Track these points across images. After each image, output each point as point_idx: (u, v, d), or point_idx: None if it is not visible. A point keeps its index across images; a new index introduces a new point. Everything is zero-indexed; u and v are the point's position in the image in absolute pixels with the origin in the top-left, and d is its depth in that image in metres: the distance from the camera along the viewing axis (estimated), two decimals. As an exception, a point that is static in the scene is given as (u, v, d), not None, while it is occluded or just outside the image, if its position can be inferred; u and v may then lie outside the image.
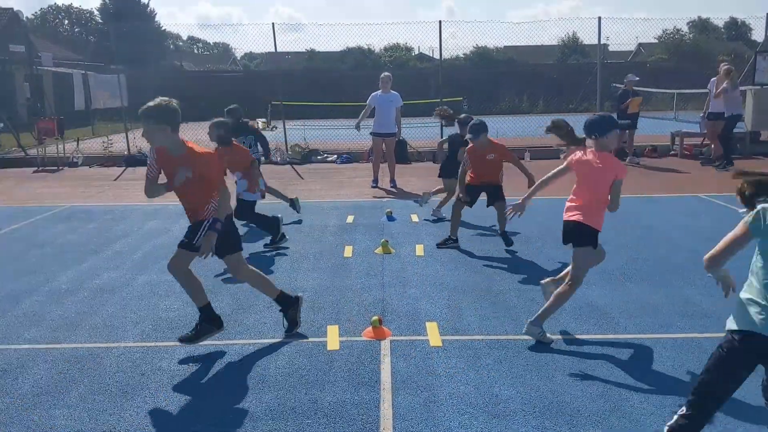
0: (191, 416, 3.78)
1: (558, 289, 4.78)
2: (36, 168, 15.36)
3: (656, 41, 48.09)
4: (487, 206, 7.69)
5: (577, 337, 4.82)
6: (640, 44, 51.45)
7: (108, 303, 5.80)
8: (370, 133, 12.06)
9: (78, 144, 17.01)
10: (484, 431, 3.55)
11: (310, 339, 4.87)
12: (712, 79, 13.95)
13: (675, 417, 3.03)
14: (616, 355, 4.48)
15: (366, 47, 44.84)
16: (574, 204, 4.73)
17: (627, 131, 14.19)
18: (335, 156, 16.25)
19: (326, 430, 3.60)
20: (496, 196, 7.47)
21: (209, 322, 4.75)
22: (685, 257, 6.84)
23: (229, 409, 3.85)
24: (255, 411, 3.81)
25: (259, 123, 26.63)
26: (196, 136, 19.42)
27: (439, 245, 7.48)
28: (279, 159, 15.82)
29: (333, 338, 4.85)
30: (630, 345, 4.66)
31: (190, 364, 4.48)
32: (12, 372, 4.43)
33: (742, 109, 13.65)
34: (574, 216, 4.67)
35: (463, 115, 9.06)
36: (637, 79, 14.55)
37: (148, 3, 52.75)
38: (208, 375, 4.31)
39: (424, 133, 18.36)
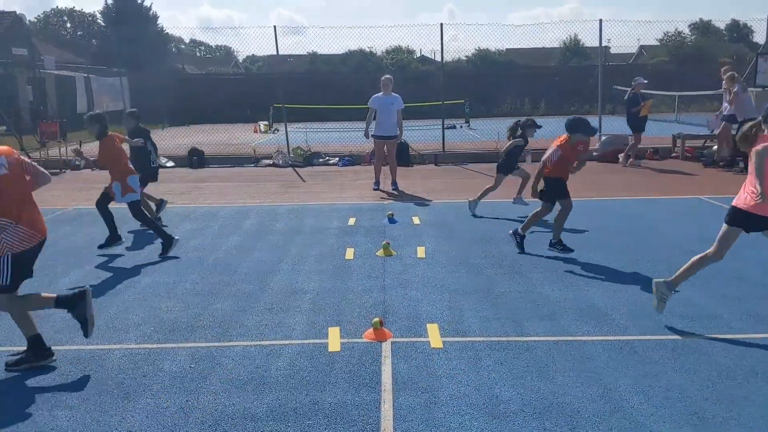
0: (192, 417, 3.79)
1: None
2: (38, 171, 15.38)
3: (658, 43, 48.09)
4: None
5: (578, 338, 4.83)
6: (641, 46, 51.44)
7: (111, 305, 5.82)
8: (372, 136, 12.08)
9: (80, 146, 17.03)
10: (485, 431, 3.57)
11: (311, 340, 4.88)
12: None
13: None
14: (616, 357, 4.49)
15: (368, 50, 44.93)
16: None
17: (632, 134, 14.21)
18: (337, 158, 16.27)
19: (327, 431, 3.61)
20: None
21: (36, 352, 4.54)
22: (686, 258, 6.83)
23: (230, 410, 3.86)
24: (256, 412, 3.83)
25: (262, 126, 26.74)
26: (198, 138, 19.51)
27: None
28: (281, 161, 15.85)
29: (334, 340, 4.86)
30: (631, 346, 4.67)
31: (192, 366, 4.49)
32: (12, 375, 4.44)
33: (756, 112, 13.48)
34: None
35: (524, 119, 9.66)
36: (645, 81, 14.53)
37: (150, 6, 52.88)
38: (210, 376, 4.32)
39: (425, 135, 18.39)
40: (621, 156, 14.67)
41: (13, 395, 4.12)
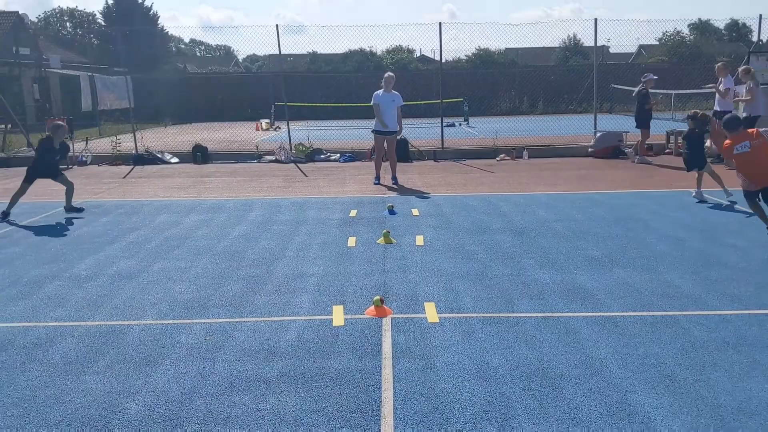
0: (210, 380, 4.15)
1: None
2: (46, 166, 15.74)
3: (657, 43, 48.47)
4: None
5: (564, 314, 5.20)
6: (640, 46, 51.87)
7: (126, 287, 6.18)
8: (372, 131, 12.45)
9: (87, 143, 17.41)
10: (476, 392, 3.93)
11: (317, 317, 5.25)
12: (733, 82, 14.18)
13: None
14: (598, 330, 4.85)
15: (368, 49, 45.32)
16: None
17: (640, 131, 14.59)
18: (338, 155, 16.63)
19: (333, 392, 3.97)
20: None
21: None
22: (671, 245, 7.22)
23: (243, 374, 4.23)
24: (268, 376, 4.19)
25: (264, 124, 27.10)
26: (202, 135, 19.88)
27: None
28: (284, 158, 16.21)
29: (338, 316, 5.23)
30: (613, 321, 5.04)
31: (206, 338, 4.86)
32: (42, 346, 4.81)
33: (762, 110, 13.72)
34: None
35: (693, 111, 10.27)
36: (656, 78, 14.81)
37: (151, 6, 53.27)
38: (224, 347, 4.68)
39: (425, 132, 18.75)
40: (629, 152, 15.06)
41: (44, 363, 4.48)
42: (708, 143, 14.65)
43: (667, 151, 16.31)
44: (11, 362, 4.51)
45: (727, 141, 7.83)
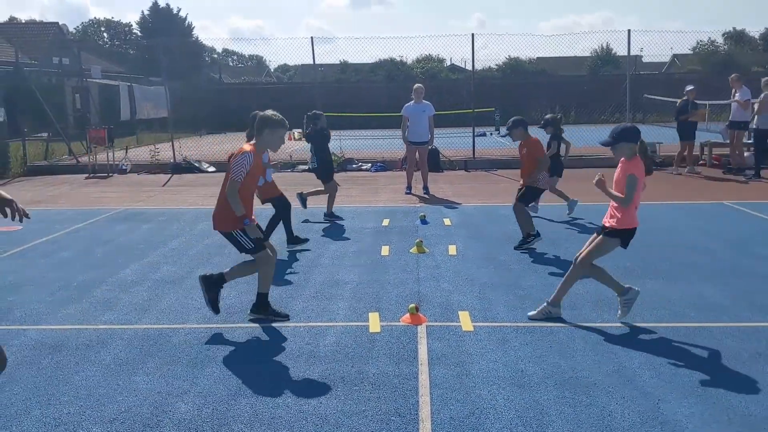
0: (254, 381, 4.35)
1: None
2: (88, 174, 16.23)
3: (691, 52, 47.95)
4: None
5: (597, 325, 5.29)
6: (674, 55, 51.36)
7: (171, 292, 6.42)
8: (405, 141, 12.63)
9: (126, 152, 17.88)
10: (511, 398, 4.06)
11: (354, 323, 5.42)
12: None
13: None
14: (631, 340, 4.95)
15: (398, 59, 45.56)
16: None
17: (680, 141, 14.53)
18: (370, 164, 16.83)
19: (372, 395, 4.13)
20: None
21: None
22: (703, 257, 7.26)
23: (286, 376, 4.42)
24: (310, 378, 4.38)
25: (296, 134, 27.45)
26: (236, 145, 20.24)
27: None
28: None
29: (374, 323, 5.40)
30: (645, 332, 5.12)
31: (250, 342, 5.06)
32: (94, 347, 5.05)
33: None
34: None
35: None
36: (693, 87, 14.79)
37: (186, 17, 54.33)
38: (266, 350, 4.88)
39: (456, 142, 18.88)
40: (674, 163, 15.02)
41: (96, 364, 4.72)
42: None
43: (701, 162, 16.21)
44: (66, 362, 4.76)
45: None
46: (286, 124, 5.44)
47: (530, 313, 5.48)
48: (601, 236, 5.36)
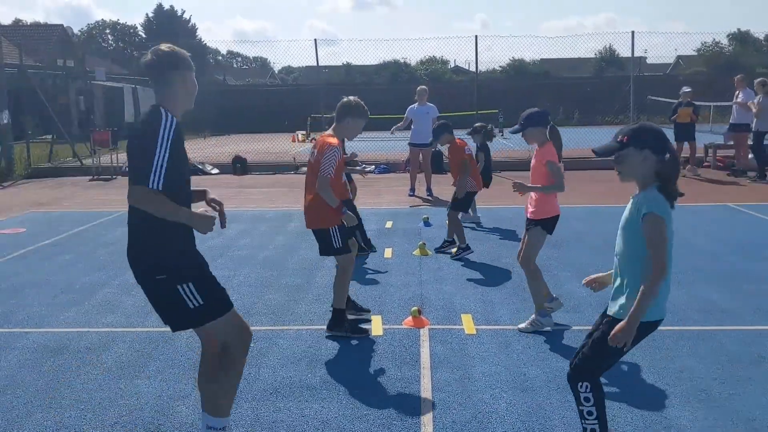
0: (255, 386, 4.34)
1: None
2: (92, 176, 16.26)
3: (695, 53, 47.86)
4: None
5: (600, 328, 5.26)
6: (678, 57, 51.27)
7: (173, 295, 6.41)
8: (408, 143, 12.63)
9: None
10: (513, 402, 4.04)
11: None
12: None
13: None
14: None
15: (402, 61, 45.58)
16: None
17: (685, 143, 14.47)
18: (373, 166, 16.83)
19: (373, 399, 4.12)
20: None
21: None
22: (706, 260, 7.22)
23: (287, 380, 4.40)
24: (311, 382, 4.36)
25: (300, 135, 27.49)
26: (240, 147, 20.28)
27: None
28: (319, 169, 16.44)
29: (377, 326, 5.38)
30: (649, 335, 5.08)
31: (252, 345, 5.03)
32: (96, 350, 5.05)
33: None
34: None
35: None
36: (689, 90, 14.80)
37: (190, 19, 54.46)
38: (268, 354, 4.87)
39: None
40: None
41: (98, 367, 4.71)
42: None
43: (706, 164, 16.17)
44: (67, 365, 4.75)
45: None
46: (368, 114, 5.24)
47: (520, 326, 5.27)
48: (526, 230, 5.30)
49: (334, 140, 5.17)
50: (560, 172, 5.09)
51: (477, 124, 10.01)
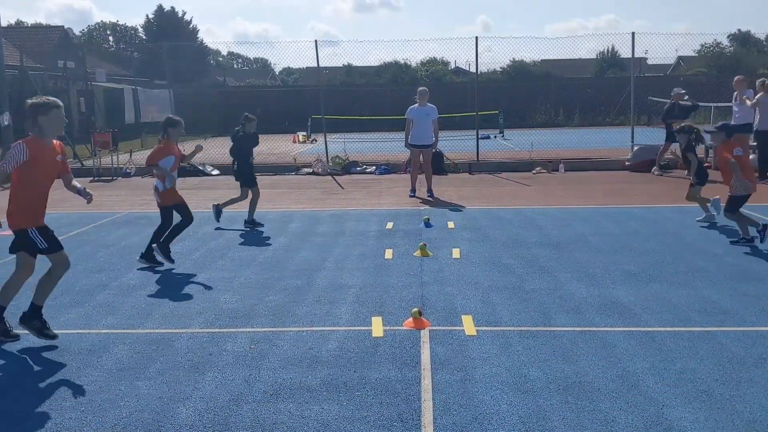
0: (256, 387, 4.33)
1: None
2: (92, 178, 16.26)
3: (696, 54, 47.85)
4: None
5: (601, 329, 5.26)
6: (679, 57, 51.24)
7: (173, 296, 6.41)
8: (408, 144, 12.63)
9: (131, 156, 17.90)
10: (514, 404, 4.03)
11: (357, 327, 5.40)
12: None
13: None
14: (635, 345, 4.91)
15: (403, 62, 45.60)
16: None
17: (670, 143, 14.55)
18: (374, 167, 16.82)
19: (374, 401, 4.11)
20: None
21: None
22: (708, 261, 7.21)
23: (288, 382, 4.39)
24: (311, 384, 4.35)
25: (300, 137, 27.49)
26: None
27: None
28: (320, 170, 16.46)
29: (377, 327, 5.37)
30: (650, 337, 5.08)
31: (252, 347, 5.04)
32: (96, 352, 5.04)
33: None
34: None
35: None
36: (683, 91, 14.82)
37: (191, 20, 54.46)
38: (268, 355, 4.86)
39: (460, 145, 18.86)
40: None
41: (98, 369, 4.71)
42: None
43: (706, 164, 16.13)
44: (68, 367, 4.75)
45: (730, 146, 8.03)
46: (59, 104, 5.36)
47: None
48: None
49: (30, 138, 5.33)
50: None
51: (684, 125, 9.94)
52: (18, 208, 5.19)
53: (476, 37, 17.37)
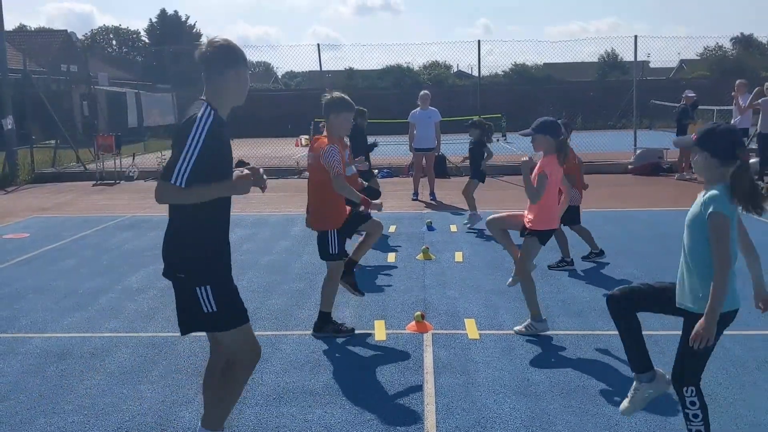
0: (259, 391, 4.33)
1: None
2: (95, 182, 16.29)
3: (699, 58, 47.85)
4: None
5: (604, 333, 5.26)
6: (682, 60, 51.24)
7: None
8: (412, 149, 12.64)
9: (134, 159, 17.93)
10: (517, 407, 4.03)
11: (360, 331, 5.40)
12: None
13: None
14: (638, 348, 4.90)
15: (405, 65, 45.60)
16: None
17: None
18: (376, 170, 16.80)
19: (377, 404, 4.12)
20: None
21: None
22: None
23: (291, 385, 4.40)
24: (314, 387, 4.36)
25: (303, 140, 27.53)
26: (243, 151, 20.31)
27: None
28: (322, 173, 16.46)
29: (380, 331, 5.38)
30: (653, 340, 5.02)
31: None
32: (99, 355, 5.05)
33: None
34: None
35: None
36: (693, 95, 14.81)
37: (194, 24, 54.63)
38: (271, 359, 4.86)
39: (462, 148, 18.83)
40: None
41: (101, 372, 4.72)
42: None
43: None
44: (71, 371, 4.76)
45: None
46: (351, 105, 5.24)
47: (516, 328, 5.28)
48: (523, 238, 5.27)
49: (326, 140, 5.20)
50: (544, 184, 5.08)
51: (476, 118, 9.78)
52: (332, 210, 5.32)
53: (479, 41, 17.45)
